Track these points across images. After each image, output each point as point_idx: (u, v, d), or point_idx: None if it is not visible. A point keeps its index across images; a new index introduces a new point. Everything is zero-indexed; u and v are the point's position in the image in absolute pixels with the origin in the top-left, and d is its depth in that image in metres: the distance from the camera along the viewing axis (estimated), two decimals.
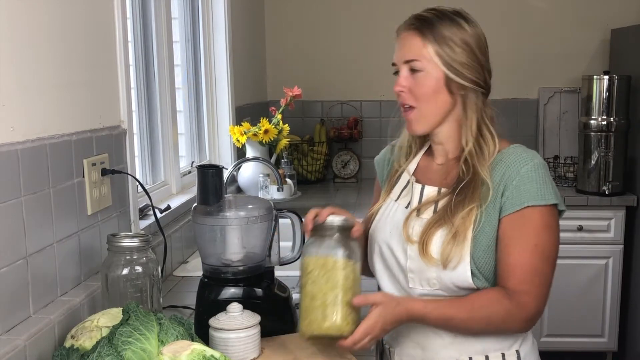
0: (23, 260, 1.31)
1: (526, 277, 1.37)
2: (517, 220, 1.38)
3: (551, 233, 1.41)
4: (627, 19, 3.76)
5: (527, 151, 1.44)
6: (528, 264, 1.37)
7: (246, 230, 1.59)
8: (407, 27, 1.46)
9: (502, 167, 1.42)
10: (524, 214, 1.38)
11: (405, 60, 1.44)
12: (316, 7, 4.01)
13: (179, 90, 2.64)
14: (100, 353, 1.16)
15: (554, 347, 3.51)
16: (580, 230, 3.43)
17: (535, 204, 1.38)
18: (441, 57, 1.42)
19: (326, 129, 3.99)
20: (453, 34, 1.43)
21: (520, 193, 1.38)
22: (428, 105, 1.44)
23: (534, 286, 1.37)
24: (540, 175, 1.40)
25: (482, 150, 1.44)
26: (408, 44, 1.44)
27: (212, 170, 1.57)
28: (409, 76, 1.44)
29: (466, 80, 1.44)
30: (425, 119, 1.46)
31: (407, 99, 1.45)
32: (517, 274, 1.37)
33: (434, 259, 1.39)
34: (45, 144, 1.38)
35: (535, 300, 1.38)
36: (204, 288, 1.60)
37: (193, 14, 2.87)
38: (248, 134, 2.94)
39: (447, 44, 1.42)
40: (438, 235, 1.40)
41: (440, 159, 1.53)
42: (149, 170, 2.36)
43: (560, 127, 3.95)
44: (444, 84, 1.43)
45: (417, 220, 1.46)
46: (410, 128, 1.48)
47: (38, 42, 1.38)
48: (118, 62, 1.77)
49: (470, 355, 1.45)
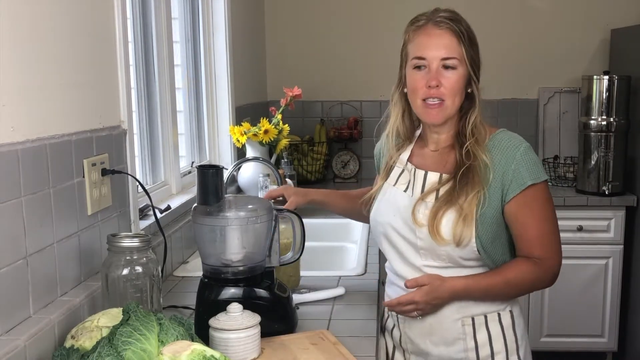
0: (23, 260, 1.31)
1: (547, 245, 1.59)
2: (523, 199, 1.56)
3: (551, 202, 1.62)
4: (627, 19, 3.76)
5: (513, 135, 1.62)
6: (546, 234, 1.59)
7: (246, 230, 1.59)
8: (438, 25, 1.58)
9: (497, 152, 1.59)
10: (528, 193, 1.56)
11: (443, 58, 1.57)
12: (316, 8, 4.01)
13: (179, 90, 2.64)
14: (100, 353, 1.16)
15: (554, 347, 3.52)
16: (580, 231, 3.43)
17: (535, 182, 1.57)
18: (469, 58, 1.58)
19: (326, 129, 3.99)
20: (473, 33, 1.61)
21: (520, 175, 1.56)
22: (453, 100, 1.59)
23: (554, 250, 1.61)
24: (531, 157, 1.59)
25: (477, 138, 1.60)
26: (444, 42, 1.57)
27: (212, 170, 1.57)
28: (442, 72, 1.57)
29: (478, 78, 1.62)
30: (447, 112, 1.60)
31: (441, 93, 1.58)
32: (540, 244, 1.58)
33: (445, 239, 1.56)
34: (45, 144, 1.38)
35: (558, 260, 1.62)
36: (204, 288, 1.60)
37: (193, 14, 2.87)
38: (248, 134, 2.93)
39: (473, 45, 1.60)
40: (447, 218, 1.56)
41: (433, 146, 1.69)
42: (149, 170, 2.36)
43: (560, 127, 3.95)
44: (465, 81, 1.60)
45: (422, 204, 1.61)
46: (434, 118, 1.61)
47: (38, 42, 1.38)
48: (118, 62, 1.76)
49: (472, 315, 1.63)
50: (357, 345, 1.54)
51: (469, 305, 1.63)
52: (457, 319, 1.63)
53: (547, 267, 1.61)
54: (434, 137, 1.68)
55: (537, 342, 3.48)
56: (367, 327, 1.66)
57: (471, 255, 1.59)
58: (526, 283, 1.62)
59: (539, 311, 3.50)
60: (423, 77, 1.59)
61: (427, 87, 1.58)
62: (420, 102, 1.61)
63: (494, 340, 1.64)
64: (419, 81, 1.59)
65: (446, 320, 1.64)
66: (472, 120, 1.61)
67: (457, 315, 1.63)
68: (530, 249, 1.59)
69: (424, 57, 1.58)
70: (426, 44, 1.58)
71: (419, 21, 1.61)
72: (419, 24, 1.61)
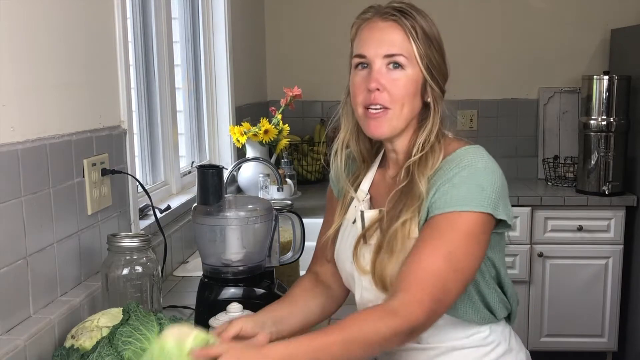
0: (23, 260, 1.31)
1: (422, 283, 1.17)
2: (437, 224, 1.22)
3: (473, 243, 1.21)
4: (627, 19, 3.76)
5: (475, 154, 1.27)
6: (432, 271, 1.18)
7: (246, 230, 1.59)
8: (384, 17, 1.29)
9: (442, 170, 1.26)
10: (447, 218, 1.21)
11: (387, 55, 1.27)
12: (316, 7, 4.01)
13: (179, 90, 2.64)
14: (101, 353, 1.16)
15: (554, 347, 3.52)
16: (580, 230, 3.42)
17: (463, 209, 1.21)
18: (422, 57, 1.28)
19: (326, 129, 3.99)
20: (432, 31, 1.29)
21: (447, 196, 1.22)
22: (402, 109, 1.29)
23: (427, 295, 1.17)
24: (477, 180, 1.23)
25: (427, 159, 1.28)
26: (389, 37, 1.28)
27: (212, 170, 1.57)
28: (386, 73, 1.28)
29: (437, 85, 1.31)
30: (394, 123, 1.30)
31: (384, 98, 1.28)
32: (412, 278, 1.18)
33: (392, 288, 1.23)
34: (45, 144, 1.38)
35: (423, 309, 1.16)
36: (204, 288, 1.60)
37: (193, 14, 2.87)
38: (248, 134, 2.94)
39: (430, 44, 1.29)
40: (390, 266, 1.26)
41: (393, 170, 1.38)
42: (149, 170, 2.36)
43: (560, 127, 3.95)
44: (420, 86, 1.29)
45: (366, 248, 1.33)
46: (377, 130, 1.30)
47: (38, 42, 1.38)
48: (118, 62, 1.77)
49: None
50: None
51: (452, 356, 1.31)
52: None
53: (405, 311, 1.15)
54: (392, 157, 1.37)
55: (537, 342, 3.48)
56: None
57: None
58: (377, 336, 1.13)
59: (539, 311, 3.50)
60: (364, 79, 1.30)
61: (368, 91, 1.28)
62: (361, 110, 1.31)
63: None
64: (359, 84, 1.30)
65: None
66: (424, 135, 1.29)
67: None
68: (401, 279, 1.20)
69: (364, 54, 1.29)
70: (368, 39, 1.29)
71: (366, 14, 1.33)
72: (365, 16, 1.33)
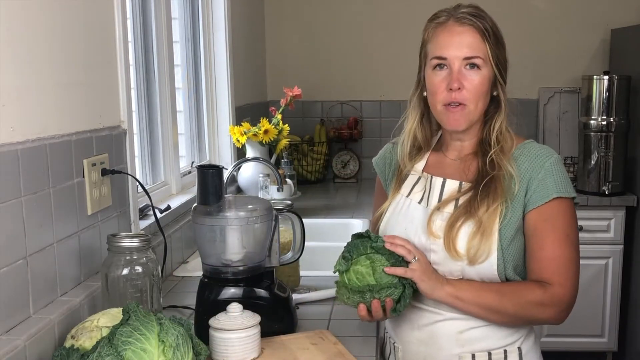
0: (23, 260, 1.31)
1: (561, 270, 1.40)
2: (546, 213, 1.41)
3: (575, 223, 1.45)
4: (627, 19, 3.76)
5: (543, 146, 1.49)
6: (563, 258, 1.41)
7: (246, 230, 1.59)
8: (460, 21, 1.45)
9: (525, 160, 1.45)
10: (551, 206, 1.41)
11: (466, 57, 1.43)
12: (316, 7, 4.01)
13: (179, 90, 2.64)
14: (100, 353, 1.16)
15: (554, 347, 3.51)
16: (580, 231, 3.39)
17: (562, 195, 1.41)
18: (494, 58, 1.45)
19: (326, 129, 3.99)
20: (498, 30, 1.47)
21: (547, 185, 1.41)
22: (477, 104, 1.46)
23: (569, 279, 1.41)
24: (561, 169, 1.44)
25: (503, 146, 1.47)
26: (467, 40, 1.44)
27: (212, 170, 1.57)
28: (465, 73, 1.44)
29: (504, 80, 1.48)
30: (470, 117, 1.47)
31: (463, 96, 1.44)
32: (552, 267, 1.40)
33: (461, 254, 1.42)
34: (45, 144, 1.38)
35: (570, 291, 1.41)
36: (204, 288, 1.60)
37: (193, 14, 2.87)
38: (248, 134, 2.93)
39: (499, 44, 1.46)
40: (464, 231, 1.43)
41: (454, 154, 1.55)
42: (149, 170, 2.36)
43: (560, 127, 3.95)
44: (490, 83, 1.47)
45: (438, 215, 1.48)
46: (456, 124, 1.47)
47: (38, 42, 1.38)
48: (118, 62, 1.76)
49: (473, 352, 1.47)
50: (357, 345, 1.54)
51: (471, 339, 1.46)
52: (455, 354, 1.47)
53: (554, 294, 1.40)
54: (456, 145, 1.54)
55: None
56: (367, 327, 1.66)
57: (490, 277, 1.43)
58: (524, 303, 1.41)
59: None
60: (444, 79, 1.45)
61: (448, 90, 1.44)
62: (440, 106, 1.47)
63: None
64: (439, 83, 1.45)
65: (443, 354, 1.48)
66: (497, 126, 1.48)
67: (456, 349, 1.47)
68: (541, 270, 1.41)
69: (445, 56, 1.44)
70: (447, 42, 1.44)
71: (439, 18, 1.47)
72: (439, 20, 1.47)
